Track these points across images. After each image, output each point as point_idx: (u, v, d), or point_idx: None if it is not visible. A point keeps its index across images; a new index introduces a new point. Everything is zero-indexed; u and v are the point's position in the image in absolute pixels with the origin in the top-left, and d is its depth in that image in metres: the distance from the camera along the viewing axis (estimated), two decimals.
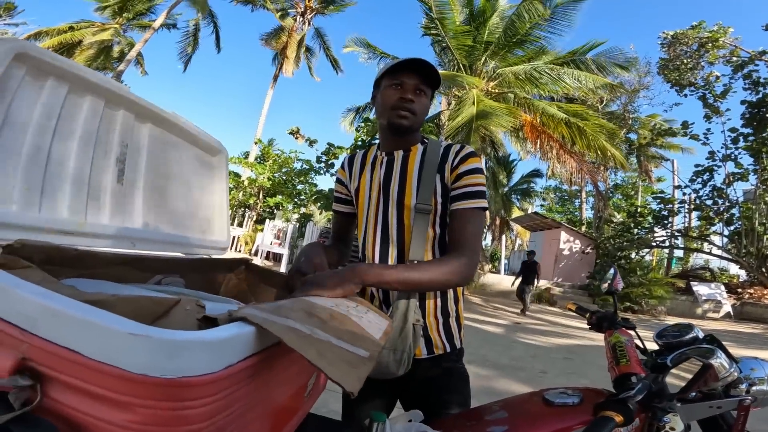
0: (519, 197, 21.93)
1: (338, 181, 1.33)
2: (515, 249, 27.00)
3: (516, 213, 20.69)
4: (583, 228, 19.05)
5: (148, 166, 1.16)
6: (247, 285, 1.40)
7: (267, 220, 15.72)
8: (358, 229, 1.24)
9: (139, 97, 1.09)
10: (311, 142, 14.67)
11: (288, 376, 0.76)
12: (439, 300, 1.14)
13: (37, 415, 0.46)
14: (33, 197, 0.84)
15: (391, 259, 1.13)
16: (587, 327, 1.35)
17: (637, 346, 1.15)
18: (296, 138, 15.00)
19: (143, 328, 0.42)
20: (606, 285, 1.35)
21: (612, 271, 1.37)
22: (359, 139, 11.91)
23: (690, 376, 0.86)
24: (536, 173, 20.11)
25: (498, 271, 16.81)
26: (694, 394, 0.93)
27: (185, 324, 0.56)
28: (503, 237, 20.44)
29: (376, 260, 1.15)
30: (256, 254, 14.66)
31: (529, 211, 20.91)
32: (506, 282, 13.60)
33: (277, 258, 14.29)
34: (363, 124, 12.27)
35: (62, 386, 0.46)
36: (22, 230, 0.78)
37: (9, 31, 17.97)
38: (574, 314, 1.43)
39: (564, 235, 15.22)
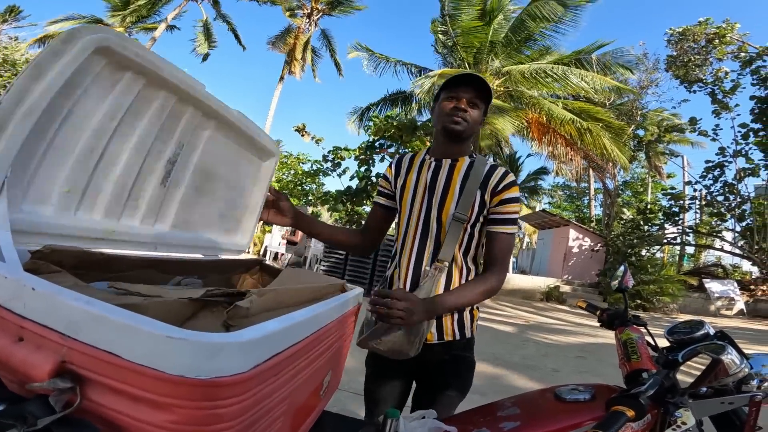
0: (527, 195, 21.83)
1: (384, 177, 1.46)
2: (523, 247, 26.84)
3: (524, 211, 20.57)
4: (593, 225, 18.86)
5: (197, 166, 1.13)
6: (261, 284, 1.44)
7: None
8: (399, 222, 1.36)
9: (210, 96, 1.05)
10: (317, 140, 14.66)
11: (307, 373, 0.79)
12: None
13: (79, 416, 0.48)
14: (71, 200, 0.83)
15: (428, 252, 1.25)
16: (599, 324, 1.36)
17: (648, 343, 1.16)
18: (302, 135, 14.90)
19: (180, 331, 0.44)
20: (616, 282, 1.36)
21: (622, 268, 1.38)
22: (371, 137, 12.09)
23: (701, 372, 0.86)
24: (543, 171, 20.01)
25: None
26: (705, 389, 0.94)
27: (212, 325, 0.59)
28: None
29: (414, 252, 1.27)
30: (264, 254, 14.74)
31: (537, 209, 20.77)
32: (515, 280, 13.53)
33: (284, 258, 14.41)
34: (372, 124, 12.33)
35: (102, 388, 0.48)
36: (50, 237, 0.77)
37: (17, 35, 18.21)
38: (586, 312, 1.44)
39: (573, 233, 15.11)
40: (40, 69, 0.67)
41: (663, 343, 1.17)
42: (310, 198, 18.33)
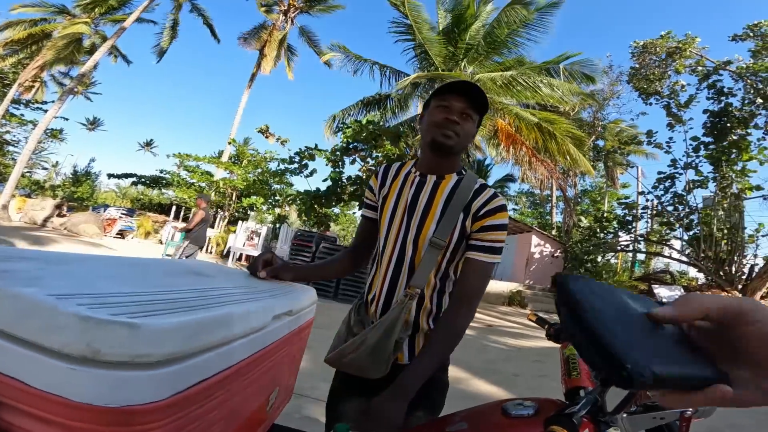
0: None
1: (369, 188, 1.34)
2: None
3: None
4: (554, 232, 19.54)
5: None
6: None
7: (240, 222, 15.38)
8: (380, 234, 1.24)
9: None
10: (282, 141, 14.39)
11: (248, 393, 0.77)
12: (431, 319, 1.17)
13: None
14: None
15: (403, 276, 1.16)
16: (546, 338, 1.40)
17: None
18: (266, 137, 14.56)
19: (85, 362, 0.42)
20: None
21: None
22: (345, 140, 11.99)
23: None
24: (509, 178, 20.57)
25: None
26: (635, 407, 0.98)
27: None
28: None
29: (389, 275, 1.18)
30: (227, 256, 14.36)
31: None
32: None
33: (249, 260, 14.09)
34: (346, 128, 12.25)
35: (13, 410, 0.47)
36: None
37: None
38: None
39: (535, 239, 15.59)
40: None
41: None
42: (277, 198, 17.97)
